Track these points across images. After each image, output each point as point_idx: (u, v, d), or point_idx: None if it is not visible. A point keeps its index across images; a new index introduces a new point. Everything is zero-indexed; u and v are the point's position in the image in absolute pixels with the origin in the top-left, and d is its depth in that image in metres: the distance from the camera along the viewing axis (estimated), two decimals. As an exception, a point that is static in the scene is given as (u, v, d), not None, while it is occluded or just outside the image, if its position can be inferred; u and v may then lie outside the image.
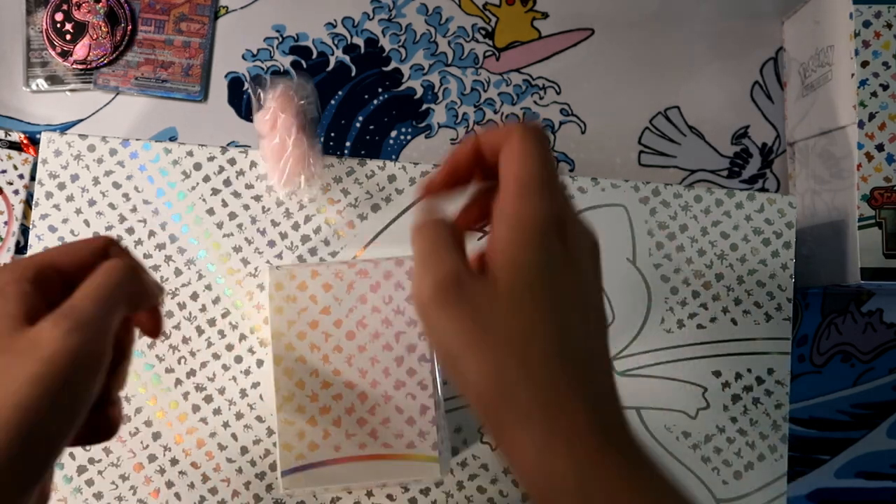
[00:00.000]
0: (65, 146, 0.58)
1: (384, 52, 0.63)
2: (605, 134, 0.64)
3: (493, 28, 0.64)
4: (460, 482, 0.56)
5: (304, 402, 0.47)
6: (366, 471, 0.46)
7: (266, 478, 0.56)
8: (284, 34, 0.63)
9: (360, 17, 0.63)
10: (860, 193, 0.55)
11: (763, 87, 0.65)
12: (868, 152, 0.55)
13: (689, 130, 0.64)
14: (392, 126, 0.63)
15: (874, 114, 0.55)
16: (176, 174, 0.58)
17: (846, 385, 0.63)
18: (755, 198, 0.60)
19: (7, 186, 0.59)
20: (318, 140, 0.59)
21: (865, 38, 0.55)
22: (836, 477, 0.63)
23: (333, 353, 0.47)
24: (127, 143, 0.58)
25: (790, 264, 0.59)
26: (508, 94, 0.63)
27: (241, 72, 0.63)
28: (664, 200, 0.60)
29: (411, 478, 0.47)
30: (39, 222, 0.57)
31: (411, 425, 0.47)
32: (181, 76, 0.62)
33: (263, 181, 0.59)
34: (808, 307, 0.63)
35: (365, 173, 0.59)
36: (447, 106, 0.63)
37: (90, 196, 0.58)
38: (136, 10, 0.62)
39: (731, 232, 0.60)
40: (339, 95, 0.63)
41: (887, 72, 0.55)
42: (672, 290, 0.59)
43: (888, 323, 0.63)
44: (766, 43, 0.65)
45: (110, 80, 0.62)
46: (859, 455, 0.63)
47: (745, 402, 0.59)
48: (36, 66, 0.61)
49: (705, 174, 0.64)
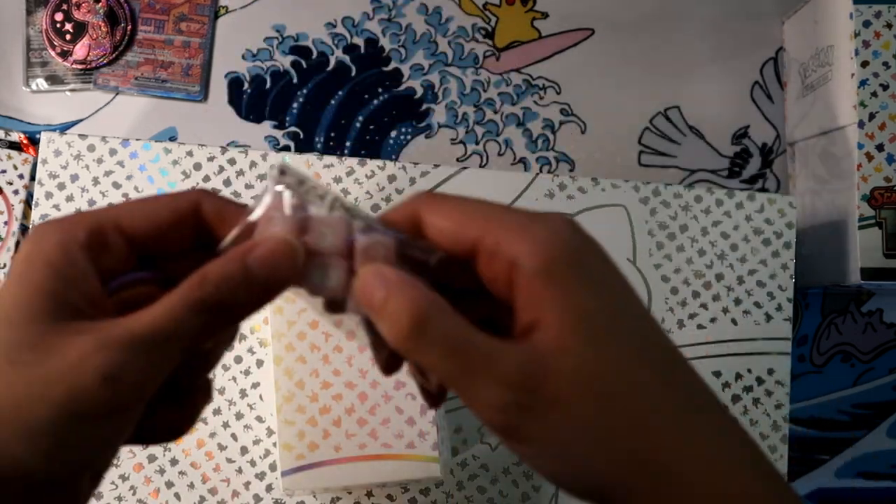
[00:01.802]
0: (65, 146, 0.58)
1: (384, 51, 0.63)
2: (605, 134, 0.64)
3: (493, 28, 0.64)
4: (460, 482, 0.56)
5: (304, 402, 0.47)
6: (366, 471, 0.46)
7: (266, 478, 0.56)
8: (284, 34, 0.63)
9: (360, 17, 0.63)
10: (860, 193, 0.55)
11: (763, 87, 0.65)
12: (868, 152, 0.55)
13: (689, 130, 0.64)
14: (392, 126, 0.63)
15: (874, 114, 0.55)
16: (176, 174, 0.58)
17: (846, 385, 0.63)
18: (755, 198, 0.60)
19: (7, 186, 0.59)
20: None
21: (865, 38, 0.55)
22: (836, 477, 0.63)
23: (333, 353, 0.47)
24: (127, 143, 0.58)
25: (790, 264, 0.59)
26: (508, 94, 0.63)
27: (241, 72, 0.63)
28: (664, 200, 0.60)
29: (411, 478, 0.47)
30: (39, 222, 0.57)
31: (411, 425, 0.47)
32: (181, 76, 0.62)
33: (263, 181, 0.59)
34: (808, 307, 0.63)
35: (365, 173, 0.59)
36: (447, 106, 0.63)
37: (90, 196, 0.58)
38: (136, 10, 0.62)
39: (732, 232, 0.60)
40: (339, 95, 0.63)
41: (887, 72, 0.55)
42: (672, 291, 0.59)
43: (888, 323, 0.63)
44: (766, 43, 0.65)
45: (110, 80, 0.61)
46: (859, 455, 0.63)
47: (746, 403, 0.59)
48: (36, 66, 0.61)
49: (705, 174, 0.64)
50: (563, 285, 0.25)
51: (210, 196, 0.28)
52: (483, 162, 0.63)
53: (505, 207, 0.27)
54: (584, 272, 0.26)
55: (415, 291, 0.25)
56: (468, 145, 0.63)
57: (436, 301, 0.26)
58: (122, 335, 0.25)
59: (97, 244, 0.27)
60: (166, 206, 0.28)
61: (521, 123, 0.63)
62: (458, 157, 0.63)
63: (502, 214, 0.26)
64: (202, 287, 0.26)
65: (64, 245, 0.26)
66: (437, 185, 0.59)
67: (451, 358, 0.25)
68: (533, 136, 0.63)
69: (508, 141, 0.63)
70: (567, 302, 0.25)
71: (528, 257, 0.25)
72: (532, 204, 0.59)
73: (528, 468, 0.56)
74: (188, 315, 0.25)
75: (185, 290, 0.26)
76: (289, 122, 0.62)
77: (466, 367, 0.25)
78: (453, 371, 0.25)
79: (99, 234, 0.27)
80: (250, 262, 0.26)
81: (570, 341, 0.25)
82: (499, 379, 0.24)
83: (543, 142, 0.63)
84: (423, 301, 0.25)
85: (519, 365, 0.24)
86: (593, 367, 0.25)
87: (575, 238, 0.26)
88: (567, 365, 0.25)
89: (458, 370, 0.25)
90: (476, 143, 0.63)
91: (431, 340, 0.25)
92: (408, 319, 0.25)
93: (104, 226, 0.27)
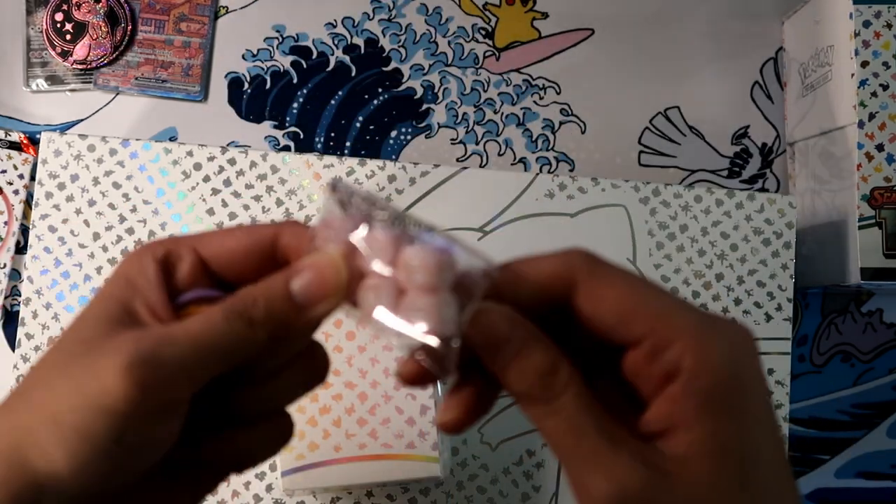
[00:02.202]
0: (65, 146, 0.58)
1: (384, 52, 0.63)
2: (605, 134, 0.64)
3: (493, 28, 0.64)
4: (460, 482, 0.56)
5: (304, 402, 0.47)
6: (366, 471, 0.46)
7: (266, 478, 0.56)
8: (284, 34, 0.63)
9: (360, 17, 0.63)
10: (860, 193, 0.55)
11: (763, 87, 0.65)
12: (868, 152, 0.55)
13: (689, 130, 0.64)
14: (392, 126, 0.63)
15: (874, 114, 0.55)
16: (176, 174, 0.58)
17: (846, 385, 0.63)
18: (755, 198, 0.60)
19: (7, 186, 0.59)
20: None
21: (865, 38, 0.55)
22: (836, 477, 0.63)
23: (333, 353, 0.47)
24: (127, 143, 0.58)
25: (790, 264, 0.59)
26: (508, 94, 0.63)
27: (241, 72, 0.63)
28: (664, 200, 0.60)
29: (411, 478, 0.47)
30: (39, 222, 0.57)
31: (411, 425, 0.47)
32: (181, 76, 0.62)
33: (263, 181, 0.59)
34: (808, 307, 0.63)
35: (365, 173, 0.59)
36: (447, 106, 0.63)
37: (90, 196, 0.58)
38: (136, 10, 0.62)
39: (732, 232, 0.60)
40: (339, 95, 0.63)
41: (887, 72, 0.55)
42: (672, 291, 0.59)
43: (888, 323, 0.63)
44: (766, 43, 0.65)
45: (110, 80, 0.61)
46: (859, 455, 0.63)
47: (745, 402, 0.59)
48: (36, 66, 0.61)
49: (705, 174, 0.64)
50: (722, 417, 0.24)
51: (291, 226, 0.28)
52: (483, 162, 0.63)
53: (681, 302, 0.25)
54: (745, 406, 0.24)
55: (542, 351, 0.25)
56: (468, 145, 0.63)
57: (573, 370, 0.25)
58: (155, 333, 0.26)
59: (172, 261, 0.28)
60: (246, 235, 0.28)
61: (521, 123, 0.63)
62: (458, 157, 0.63)
63: (678, 311, 0.25)
64: (242, 300, 0.26)
65: (141, 259, 0.28)
66: (436, 185, 0.59)
67: (574, 437, 0.24)
68: (533, 136, 0.63)
69: (508, 141, 0.63)
70: (717, 437, 0.24)
71: (695, 374, 0.24)
72: (532, 204, 0.59)
73: (528, 468, 0.56)
74: (222, 324, 0.26)
75: (228, 301, 0.26)
76: (289, 122, 0.62)
77: (585, 451, 0.24)
78: (568, 447, 0.24)
79: (175, 253, 0.28)
80: (292, 281, 0.26)
81: (704, 470, 0.24)
82: (614, 475, 0.23)
83: (543, 142, 0.63)
84: (554, 361, 0.25)
85: (642, 474, 0.23)
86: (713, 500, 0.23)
87: (746, 360, 0.25)
88: (690, 490, 0.23)
89: (573, 448, 0.24)
90: (476, 143, 0.63)
91: (559, 410, 0.24)
92: (541, 378, 0.24)
93: (181, 246, 0.28)
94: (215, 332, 0.26)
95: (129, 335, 0.26)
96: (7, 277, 0.59)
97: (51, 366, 0.27)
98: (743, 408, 0.24)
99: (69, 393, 0.25)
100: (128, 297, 0.27)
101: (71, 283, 0.57)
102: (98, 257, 0.57)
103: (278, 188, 0.58)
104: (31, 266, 0.57)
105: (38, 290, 0.57)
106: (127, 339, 0.25)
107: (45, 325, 0.57)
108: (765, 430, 0.25)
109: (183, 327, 0.26)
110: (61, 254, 0.57)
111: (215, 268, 0.28)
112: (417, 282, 0.24)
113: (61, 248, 0.57)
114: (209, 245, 0.28)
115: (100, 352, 0.25)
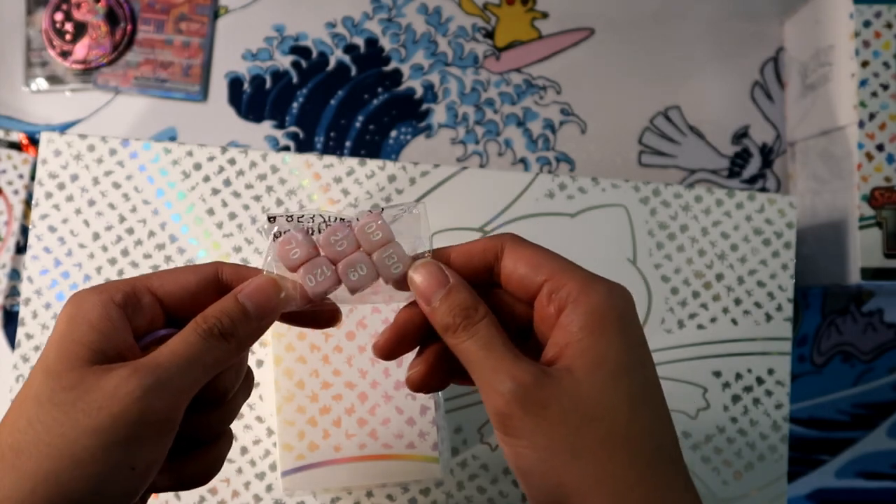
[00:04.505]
0: (64, 146, 0.58)
1: (384, 51, 0.63)
2: (605, 134, 0.64)
3: (493, 28, 0.64)
4: (460, 482, 0.56)
5: (304, 403, 0.47)
6: (366, 471, 0.46)
7: (266, 478, 0.56)
8: (284, 34, 0.63)
9: (360, 17, 0.63)
10: (860, 193, 0.55)
11: (763, 87, 0.65)
12: (868, 152, 0.55)
13: (689, 130, 0.64)
14: (392, 126, 0.63)
15: (874, 114, 0.55)
16: (176, 174, 0.58)
17: (846, 385, 0.63)
18: (755, 198, 0.60)
19: (7, 186, 0.59)
20: None
21: (865, 38, 0.55)
22: (836, 477, 0.63)
23: (333, 353, 0.47)
24: (127, 143, 0.58)
25: (790, 264, 0.59)
26: (508, 93, 0.63)
27: (241, 72, 0.63)
28: (664, 200, 0.60)
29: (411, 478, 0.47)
30: (39, 222, 0.57)
31: (411, 425, 0.47)
32: (181, 76, 0.62)
33: (263, 181, 0.59)
34: (808, 307, 0.63)
35: (365, 173, 0.59)
36: (447, 106, 0.63)
37: (90, 196, 0.58)
38: (136, 9, 0.62)
39: (732, 232, 0.60)
40: (339, 95, 0.63)
41: (887, 72, 0.55)
42: (672, 291, 0.59)
43: (888, 323, 0.63)
44: (766, 43, 0.65)
45: (110, 80, 0.61)
46: (859, 455, 0.63)
47: (746, 403, 0.59)
48: (36, 66, 0.61)
49: (705, 174, 0.64)
50: (597, 336, 0.30)
51: (226, 264, 0.34)
52: (483, 162, 0.63)
53: (577, 265, 0.33)
54: (616, 331, 0.31)
55: (467, 292, 0.32)
56: (468, 145, 0.63)
57: (482, 303, 0.32)
58: (149, 362, 0.29)
59: (131, 304, 0.31)
60: (192, 272, 0.33)
61: (521, 123, 0.63)
62: (458, 157, 0.63)
63: (573, 267, 0.32)
64: (206, 319, 0.31)
65: (103, 304, 0.30)
66: (437, 185, 0.59)
67: (485, 351, 0.31)
68: (533, 136, 0.63)
69: (508, 141, 0.63)
70: (592, 349, 0.30)
71: (579, 303, 0.31)
72: (532, 204, 0.59)
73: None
74: (199, 341, 0.30)
75: (193, 323, 0.31)
76: (289, 122, 0.62)
77: (493, 361, 0.31)
78: (480, 359, 0.31)
79: (133, 295, 0.31)
80: (241, 296, 0.32)
81: (584, 373, 0.30)
82: (514, 376, 0.30)
83: (543, 142, 0.63)
84: (475, 301, 0.32)
85: (535, 373, 0.30)
86: (591, 396, 0.30)
87: (622, 303, 0.32)
88: (572, 386, 0.30)
89: (483, 360, 0.31)
90: (476, 143, 0.63)
91: (475, 333, 0.31)
92: (464, 310, 0.32)
93: (138, 289, 0.32)
94: (198, 349, 0.30)
95: (122, 371, 0.28)
96: (7, 277, 0.59)
97: (36, 420, 0.28)
98: (619, 330, 0.31)
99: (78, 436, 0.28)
100: (96, 341, 0.30)
101: (71, 283, 0.57)
102: (98, 257, 0.57)
103: (278, 188, 0.58)
104: (31, 266, 0.57)
105: (38, 290, 0.57)
106: (124, 375, 0.28)
107: (45, 325, 0.57)
108: (638, 354, 0.31)
109: (168, 351, 0.30)
110: (61, 254, 0.57)
111: (168, 304, 0.32)
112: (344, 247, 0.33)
113: (61, 248, 0.57)
114: (162, 285, 0.32)
115: (99, 390, 0.28)
